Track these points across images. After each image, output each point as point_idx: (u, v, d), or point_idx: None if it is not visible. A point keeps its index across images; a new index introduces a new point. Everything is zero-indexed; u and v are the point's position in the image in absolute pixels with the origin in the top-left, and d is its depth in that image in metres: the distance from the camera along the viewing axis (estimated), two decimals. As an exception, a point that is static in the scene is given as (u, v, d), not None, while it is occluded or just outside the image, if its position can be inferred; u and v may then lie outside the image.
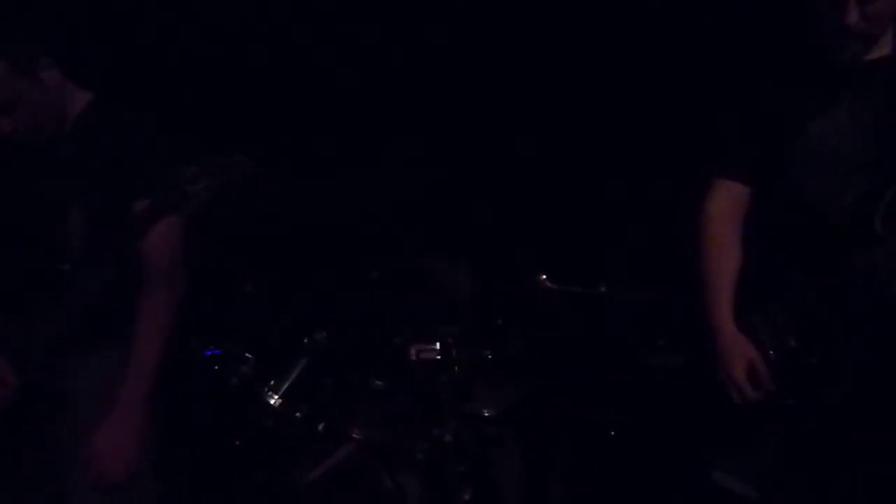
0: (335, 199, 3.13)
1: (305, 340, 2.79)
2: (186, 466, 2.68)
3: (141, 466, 1.99)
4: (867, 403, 1.84)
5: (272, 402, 2.69)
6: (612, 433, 2.71)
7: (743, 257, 2.03)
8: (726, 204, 2.05)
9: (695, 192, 2.09)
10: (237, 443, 2.76)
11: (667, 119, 2.86)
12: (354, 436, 2.73)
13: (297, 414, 2.71)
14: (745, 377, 1.93)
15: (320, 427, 2.72)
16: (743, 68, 2.09)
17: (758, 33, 2.45)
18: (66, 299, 1.93)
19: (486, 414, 2.78)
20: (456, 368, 2.79)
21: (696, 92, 2.64)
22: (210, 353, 2.85)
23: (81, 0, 2.74)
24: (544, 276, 2.86)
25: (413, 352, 2.80)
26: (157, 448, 2.09)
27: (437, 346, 2.80)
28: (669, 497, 2.47)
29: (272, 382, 2.72)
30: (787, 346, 1.92)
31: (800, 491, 1.93)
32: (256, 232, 3.02)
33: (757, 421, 1.95)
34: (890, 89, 1.86)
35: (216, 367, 2.80)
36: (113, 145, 1.98)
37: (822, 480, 1.90)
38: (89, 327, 1.95)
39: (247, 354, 2.78)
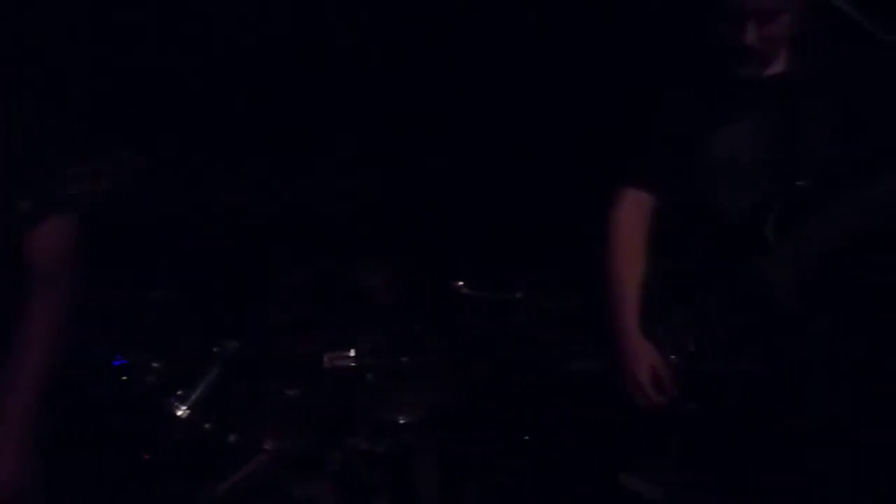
0: (249, 204, 3.07)
1: (216, 349, 2.72)
2: (90, 480, 2.59)
3: (27, 481, 1.90)
4: (758, 408, 1.87)
5: (180, 413, 2.62)
6: (527, 438, 2.70)
7: (647, 265, 2.07)
8: (632, 212, 2.09)
9: (604, 200, 2.12)
10: (146, 457, 2.68)
11: (580, 129, 2.88)
12: (266, 447, 2.67)
13: (207, 425, 2.64)
14: (649, 381, 1.96)
15: (231, 438, 2.65)
16: (649, 81, 2.17)
17: (663, 48, 2.50)
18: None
19: (403, 421, 2.75)
20: (371, 376, 2.75)
21: (605, 103, 2.69)
22: (118, 362, 2.76)
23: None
24: (461, 283, 2.85)
25: (327, 359, 2.75)
26: (55, 461, 2.00)
27: (352, 353, 2.76)
28: (582, 500, 2.47)
29: (180, 393, 2.64)
30: (686, 351, 1.96)
31: (704, 493, 1.94)
32: (160, 235, 2.94)
33: (662, 426, 1.97)
34: (784, 104, 1.93)
35: (123, 378, 2.72)
36: None
37: (725, 483, 1.92)
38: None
39: (153, 364, 2.70)
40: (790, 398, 1.87)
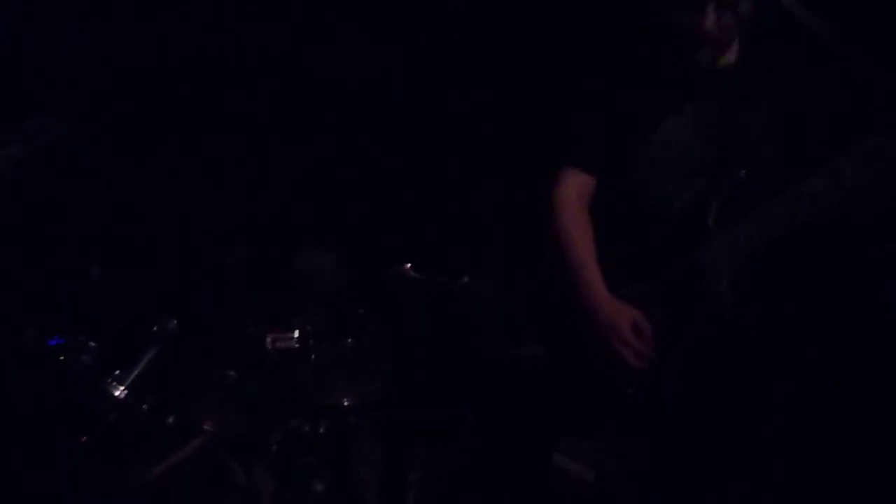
0: (193, 182, 3.01)
1: (155, 328, 2.66)
2: (27, 462, 2.52)
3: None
4: (692, 396, 1.89)
5: (116, 393, 2.56)
6: (470, 422, 2.71)
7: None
8: (574, 191, 2.07)
9: (543, 181, 2.10)
10: (83, 439, 2.62)
11: (528, 113, 2.88)
12: (206, 428, 2.63)
13: (144, 406, 2.58)
14: (633, 336, 1.91)
15: (169, 419, 2.61)
16: (596, 67, 2.15)
17: (613, 33, 2.50)
18: None
19: (346, 403, 2.73)
20: (313, 357, 2.72)
21: (551, 88, 2.68)
22: (54, 342, 2.68)
23: None
24: (408, 266, 2.83)
25: (269, 341, 2.72)
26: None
27: (295, 334, 2.73)
28: (522, 483, 2.48)
29: (117, 373, 2.58)
30: None
31: (641, 474, 1.96)
32: (106, 212, 2.87)
33: (600, 409, 1.97)
34: (733, 95, 1.93)
35: (59, 358, 2.64)
36: None
37: (656, 467, 1.94)
38: None
39: (90, 343, 2.63)
40: (723, 387, 1.90)
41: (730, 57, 1.96)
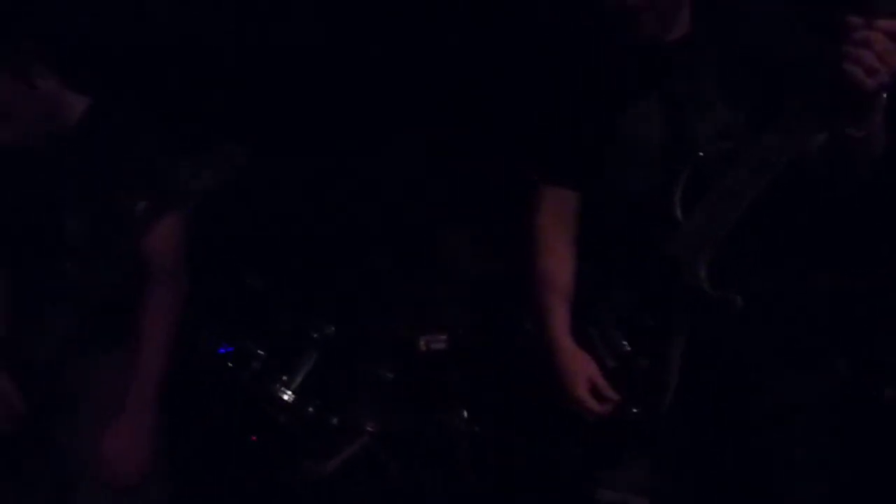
0: (339, 190, 3.13)
1: (315, 335, 2.79)
2: (200, 465, 2.70)
3: (152, 467, 2.00)
4: (701, 399, 1.76)
5: (285, 397, 2.70)
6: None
7: (576, 263, 1.91)
8: (555, 212, 1.93)
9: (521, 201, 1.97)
10: (253, 439, 2.78)
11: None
12: (368, 428, 2.74)
13: (310, 408, 2.72)
14: (587, 394, 1.81)
15: (334, 420, 2.73)
16: (549, 73, 1.98)
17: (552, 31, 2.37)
18: (71, 302, 1.94)
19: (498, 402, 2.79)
20: (466, 357, 2.79)
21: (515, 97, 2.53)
22: (224, 350, 2.86)
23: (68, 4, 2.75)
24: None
25: (422, 343, 2.81)
26: (170, 447, 2.10)
27: (446, 336, 2.81)
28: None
29: (284, 378, 2.73)
30: (622, 353, 1.82)
31: (678, 492, 1.86)
32: (260, 225, 3.03)
33: (617, 435, 1.86)
34: (683, 71, 1.76)
35: (230, 364, 2.81)
36: (112, 149, 1.99)
37: (689, 481, 1.83)
38: (94, 329, 1.96)
39: (258, 351, 2.79)
40: (729, 384, 1.76)
41: (680, 29, 1.77)
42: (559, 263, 1.91)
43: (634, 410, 1.79)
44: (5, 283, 2.11)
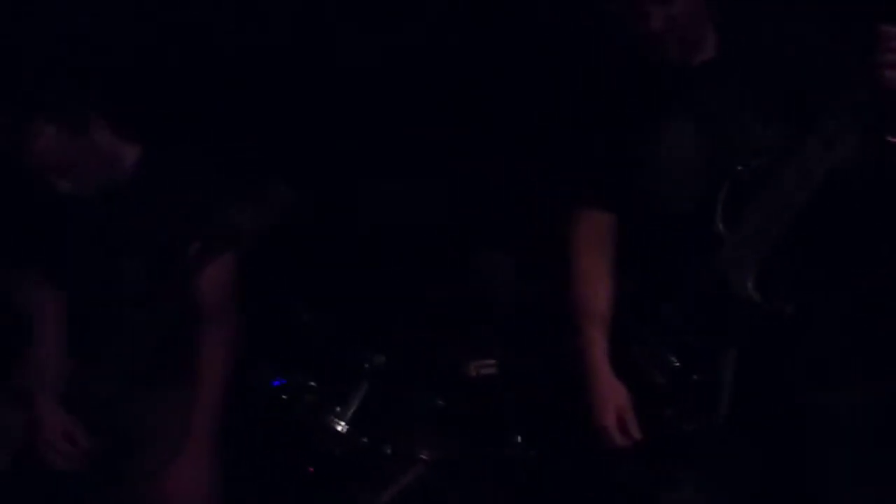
0: (384, 220, 3.17)
1: (366, 365, 2.82)
2: (258, 499, 2.73)
3: (213, 502, 2.04)
4: (754, 411, 1.76)
5: (339, 428, 2.73)
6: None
7: (616, 286, 1.93)
8: (593, 234, 1.96)
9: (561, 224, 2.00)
10: (311, 469, 2.80)
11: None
12: (422, 456, 2.75)
13: (364, 439, 2.74)
14: (614, 424, 1.84)
15: (388, 450, 2.75)
16: (582, 98, 2.04)
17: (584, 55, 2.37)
18: (130, 342, 2.00)
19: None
20: (517, 382, 2.80)
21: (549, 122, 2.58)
22: (278, 383, 2.90)
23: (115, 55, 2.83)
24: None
25: (472, 368, 2.82)
26: (228, 481, 2.14)
27: (495, 361, 2.82)
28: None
29: (337, 409, 2.75)
30: (670, 368, 1.82)
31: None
32: (307, 260, 3.07)
33: (669, 457, 1.87)
34: (716, 90, 1.80)
35: (283, 397, 2.85)
36: (165, 194, 2.06)
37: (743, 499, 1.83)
38: (152, 368, 2.01)
39: (311, 383, 2.82)
40: (783, 395, 1.76)
41: (706, 52, 1.82)
42: (594, 289, 1.93)
43: (687, 427, 1.80)
44: (67, 325, 2.18)
